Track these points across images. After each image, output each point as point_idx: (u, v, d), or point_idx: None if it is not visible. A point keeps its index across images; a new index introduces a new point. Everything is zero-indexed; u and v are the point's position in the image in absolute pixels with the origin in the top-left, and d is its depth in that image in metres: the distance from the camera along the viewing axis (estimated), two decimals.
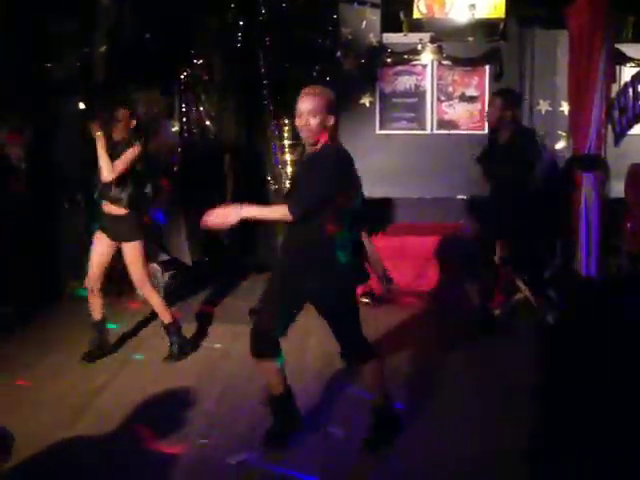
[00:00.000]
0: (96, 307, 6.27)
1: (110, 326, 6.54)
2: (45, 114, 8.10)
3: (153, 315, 7.39)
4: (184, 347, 6.36)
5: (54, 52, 8.48)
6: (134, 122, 6.09)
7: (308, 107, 4.33)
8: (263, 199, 8.51)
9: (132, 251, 6.05)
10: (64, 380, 5.98)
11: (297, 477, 4.35)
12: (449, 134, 9.36)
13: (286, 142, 8.91)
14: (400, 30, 9.37)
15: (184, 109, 9.04)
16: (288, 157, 8.94)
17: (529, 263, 7.50)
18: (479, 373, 6.05)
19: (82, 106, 8.52)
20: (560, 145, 9.16)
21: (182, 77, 8.98)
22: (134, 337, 6.99)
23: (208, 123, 9.02)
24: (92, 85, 8.69)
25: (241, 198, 5.95)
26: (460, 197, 9.00)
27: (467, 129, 9.35)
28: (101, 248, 6.12)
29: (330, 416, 5.17)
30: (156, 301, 6.30)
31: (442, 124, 9.38)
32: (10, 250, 7.45)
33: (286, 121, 8.83)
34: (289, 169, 8.90)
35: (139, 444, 4.82)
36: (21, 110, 7.97)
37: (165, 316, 6.32)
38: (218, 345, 6.71)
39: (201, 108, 9.05)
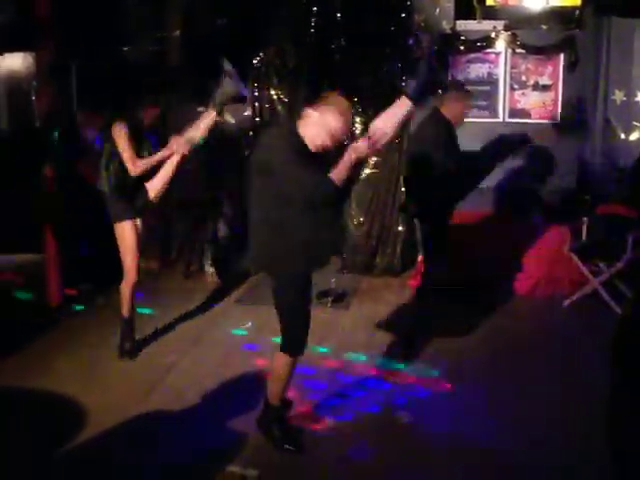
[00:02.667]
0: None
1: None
2: (122, 97, 8.24)
3: (222, 294, 7.55)
4: (131, 347, 6.16)
5: (130, 35, 8.63)
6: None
7: (346, 129, 4.43)
8: None
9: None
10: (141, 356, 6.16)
11: None
12: (521, 123, 9.27)
13: (358, 129, 8.93)
14: (474, 17, 9.30)
15: (256, 94, 9.11)
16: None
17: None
18: (552, 368, 6.03)
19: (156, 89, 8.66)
20: (635, 136, 9.01)
21: (255, 62, 9.04)
22: (203, 316, 7.11)
23: (280, 108, 9.06)
24: (166, 69, 8.84)
25: None
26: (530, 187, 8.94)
27: (540, 118, 9.25)
28: None
29: None
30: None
31: (515, 113, 9.30)
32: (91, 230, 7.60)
33: (358, 108, 8.86)
34: (365, 169, 8.91)
35: (210, 421, 4.93)
36: (99, 93, 8.13)
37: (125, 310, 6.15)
38: None
39: (273, 93, 9.11)
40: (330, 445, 4.64)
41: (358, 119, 8.92)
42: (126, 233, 5.91)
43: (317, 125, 4.27)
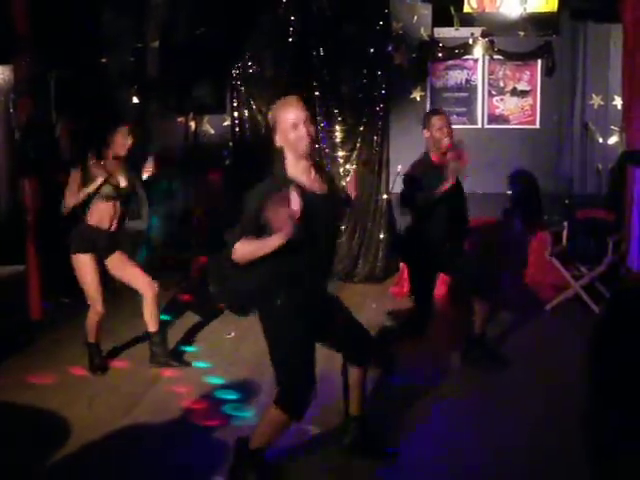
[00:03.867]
0: None
1: (163, 317, 6.60)
2: (100, 108, 8.23)
3: (203, 306, 7.53)
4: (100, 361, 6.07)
5: (109, 46, 8.62)
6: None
7: (304, 114, 3.93)
8: None
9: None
10: (118, 369, 6.12)
11: None
12: (500, 129, 9.32)
13: (338, 137, 8.96)
14: (451, 25, 9.36)
15: (235, 104, 9.12)
16: (340, 153, 8.97)
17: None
18: (532, 370, 6.05)
19: (136, 100, 8.67)
20: (612, 140, 9.08)
21: (233, 72, 9.05)
22: (187, 327, 7.10)
23: (259, 118, 9.07)
24: (145, 79, 8.85)
25: None
26: (510, 192, 8.98)
27: (518, 124, 9.30)
28: None
29: None
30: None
31: (493, 119, 9.35)
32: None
33: (338, 117, 8.89)
34: (340, 167, 8.94)
35: (194, 435, 4.91)
36: (77, 104, 8.11)
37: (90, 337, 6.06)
38: None
39: (252, 103, 9.12)
40: (312, 456, 4.62)
41: (338, 128, 8.96)
42: (82, 266, 5.83)
43: (282, 136, 3.96)
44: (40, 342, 6.75)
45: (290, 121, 3.90)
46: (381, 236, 8.95)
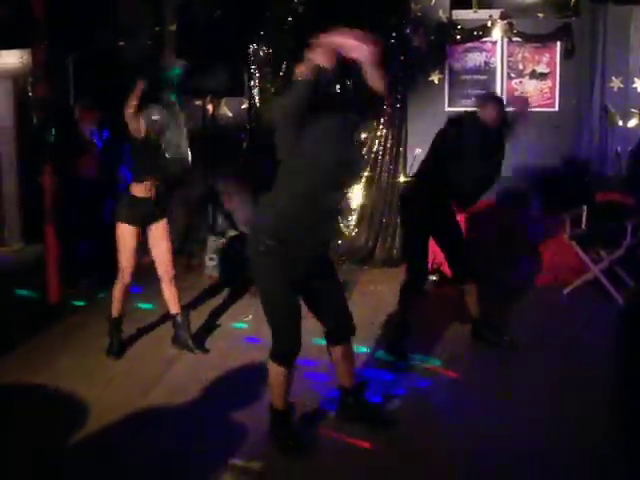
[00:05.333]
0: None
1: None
2: (117, 92, 8.24)
3: (222, 287, 7.57)
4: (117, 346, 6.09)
5: (126, 30, 8.63)
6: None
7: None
8: None
9: None
10: (136, 351, 6.16)
11: None
12: None
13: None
14: (470, 6, 9.27)
15: (253, 87, 9.10)
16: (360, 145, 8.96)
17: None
18: (552, 355, 6.04)
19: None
20: (633, 123, 9.01)
21: (250, 55, 9.03)
22: (204, 309, 7.12)
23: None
24: (163, 63, 8.85)
25: None
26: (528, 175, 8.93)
27: (537, 106, 9.23)
28: None
29: None
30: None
31: (512, 101, 9.27)
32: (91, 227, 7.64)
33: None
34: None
35: (212, 415, 4.93)
36: (95, 87, 8.13)
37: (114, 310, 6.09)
38: None
39: (269, 86, 9.10)
40: (333, 437, 4.64)
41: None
42: (124, 234, 5.88)
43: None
44: (58, 325, 6.80)
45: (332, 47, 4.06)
46: (398, 219, 8.92)
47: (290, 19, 8.87)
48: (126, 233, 5.86)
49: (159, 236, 6.02)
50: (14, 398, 5.30)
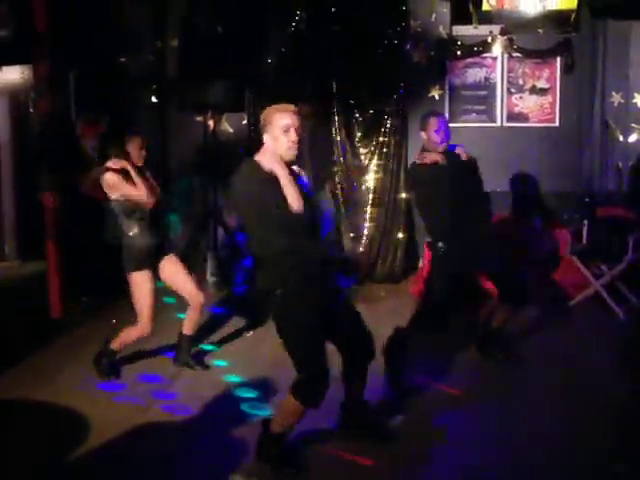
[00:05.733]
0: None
1: (180, 316, 6.61)
2: (120, 107, 8.26)
3: (224, 303, 7.55)
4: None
5: (130, 45, 8.65)
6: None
7: (297, 121, 4.17)
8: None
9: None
10: (137, 367, 6.14)
11: None
12: (519, 127, 9.28)
13: (357, 136, 8.97)
14: (470, 22, 9.30)
15: (254, 102, 9.12)
16: (360, 151, 8.98)
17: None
18: (553, 371, 6.03)
19: (155, 99, 8.70)
20: (633, 138, 9.02)
21: (251, 71, 9.05)
22: (205, 325, 7.11)
23: None
24: (165, 78, 8.87)
25: None
26: (529, 190, 8.94)
27: (538, 121, 9.25)
28: None
29: None
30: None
31: (512, 117, 9.30)
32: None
33: (356, 116, 8.90)
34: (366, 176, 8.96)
35: (212, 431, 4.92)
36: (97, 102, 8.14)
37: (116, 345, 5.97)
38: None
39: (268, 102, 9.11)
40: (333, 454, 4.62)
41: (357, 126, 8.97)
42: (139, 284, 5.76)
43: (271, 136, 4.18)
44: (60, 340, 6.79)
45: (284, 124, 4.12)
46: (400, 236, 8.94)
47: (291, 36, 8.89)
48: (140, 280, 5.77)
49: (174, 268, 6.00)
50: (16, 413, 5.30)
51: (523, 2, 9.28)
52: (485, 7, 9.30)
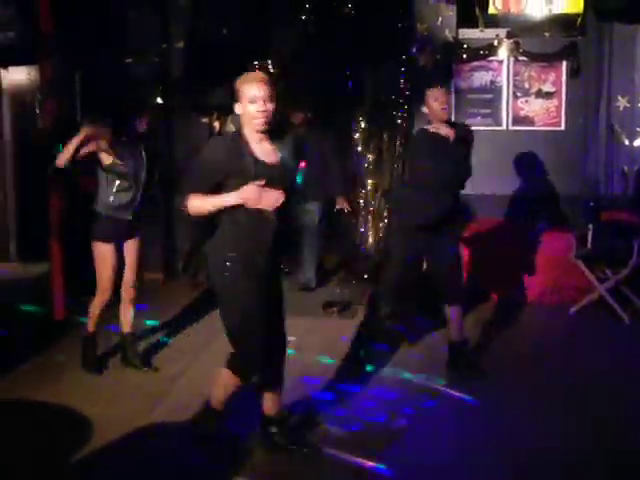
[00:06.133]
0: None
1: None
2: (126, 110, 8.25)
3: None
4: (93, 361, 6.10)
5: (135, 47, 8.66)
6: None
7: (266, 92, 4.11)
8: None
9: None
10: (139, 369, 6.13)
11: None
12: (525, 130, 9.26)
13: (361, 139, 8.95)
14: (476, 26, 9.29)
15: None
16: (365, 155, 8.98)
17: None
18: (560, 374, 6.01)
19: (160, 101, 8.71)
20: (639, 142, 9.00)
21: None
22: (209, 327, 7.10)
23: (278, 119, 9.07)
24: (170, 79, 8.88)
25: None
26: (535, 194, 8.92)
27: (543, 125, 9.24)
28: None
29: None
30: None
31: (518, 120, 9.29)
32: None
33: (361, 119, 8.89)
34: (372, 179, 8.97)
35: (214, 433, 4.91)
36: (103, 106, 8.14)
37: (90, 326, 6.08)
38: (292, 338, 6.76)
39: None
40: (338, 456, 4.61)
41: (362, 129, 8.97)
42: (102, 253, 5.84)
43: (242, 106, 4.17)
44: (63, 341, 6.79)
45: (251, 95, 4.10)
46: None
47: (295, 38, 8.89)
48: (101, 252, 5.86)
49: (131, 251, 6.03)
50: (18, 414, 5.30)
51: (529, 5, 9.27)
52: (491, 10, 9.30)
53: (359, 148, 8.98)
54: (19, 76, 9.62)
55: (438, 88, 5.93)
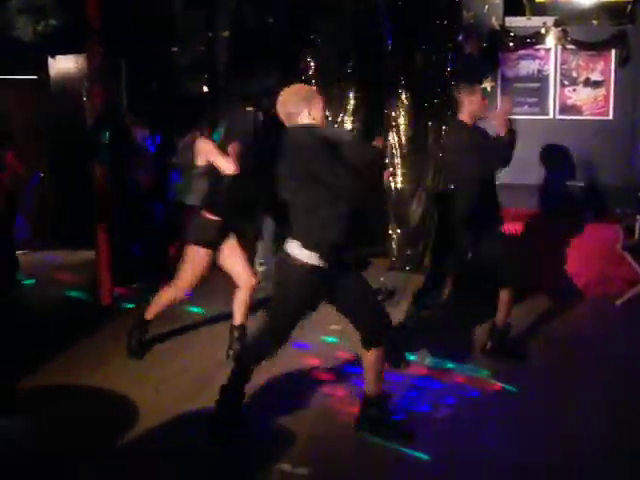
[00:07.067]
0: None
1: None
2: (171, 97, 8.32)
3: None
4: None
5: (180, 36, 8.71)
6: None
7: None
8: None
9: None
10: (186, 354, 6.19)
11: None
12: (572, 120, 9.16)
13: (405, 128, 8.91)
14: (523, 14, 9.20)
15: None
16: (408, 145, 8.93)
17: None
18: (598, 366, 5.95)
19: (206, 89, 8.75)
20: None
21: (301, 61, 9.06)
22: (253, 314, 7.13)
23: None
24: (215, 69, 8.91)
25: None
26: (581, 184, 8.82)
27: (591, 114, 9.13)
28: None
29: None
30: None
31: (565, 109, 9.18)
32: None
33: (407, 107, 8.84)
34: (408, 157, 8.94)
35: (260, 419, 4.93)
36: (149, 93, 8.22)
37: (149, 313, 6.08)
38: (336, 326, 6.77)
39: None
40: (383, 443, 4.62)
41: (407, 118, 8.93)
42: (198, 257, 5.83)
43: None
44: (110, 326, 6.86)
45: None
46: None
47: (340, 24, 8.88)
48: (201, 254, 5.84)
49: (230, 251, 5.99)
50: (65, 399, 5.36)
51: None
52: None
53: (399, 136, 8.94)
54: (67, 64, 9.74)
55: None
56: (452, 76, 8.74)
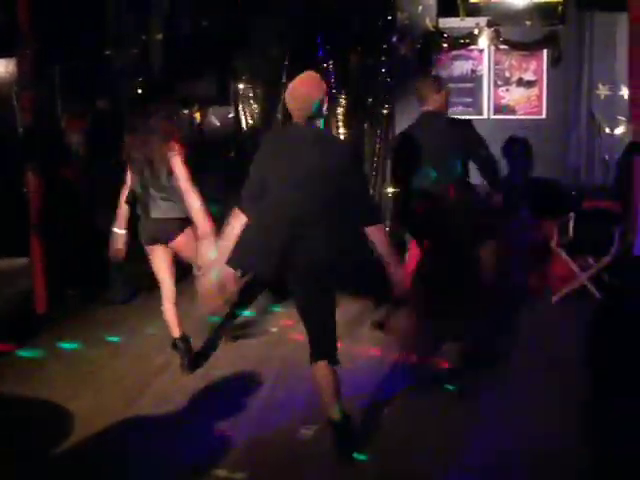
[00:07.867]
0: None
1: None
2: (105, 100, 8.21)
3: None
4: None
5: (114, 38, 8.62)
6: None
7: None
8: None
9: None
10: (123, 361, 6.11)
11: None
12: (506, 119, 9.27)
13: (342, 129, 8.93)
14: (457, 15, 9.28)
15: (239, 95, 9.10)
16: None
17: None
18: (534, 358, 6.02)
19: (140, 92, 8.67)
20: (620, 130, 9.01)
21: (236, 64, 9.04)
22: (194, 317, 7.08)
23: (258, 110, 9.07)
24: (149, 71, 8.84)
25: None
26: (516, 183, 8.92)
27: (524, 114, 9.25)
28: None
29: None
30: None
31: (499, 109, 9.29)
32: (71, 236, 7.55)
33: (342, 109, 8.86)
34: None
35: (198, 424, 4.90)
36: (82, 96, 8.10)
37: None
38: (274, 329, 6.77)
39: (253, 95, 9.11)
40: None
41: (342, 119, 8.95)
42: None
43: None
44: (45, 334, 6.76)
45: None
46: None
47: (276, 29, 8.88)
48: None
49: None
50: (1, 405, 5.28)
51: None
52: None
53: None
54: None
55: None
56: (387, 77, 8.80)
